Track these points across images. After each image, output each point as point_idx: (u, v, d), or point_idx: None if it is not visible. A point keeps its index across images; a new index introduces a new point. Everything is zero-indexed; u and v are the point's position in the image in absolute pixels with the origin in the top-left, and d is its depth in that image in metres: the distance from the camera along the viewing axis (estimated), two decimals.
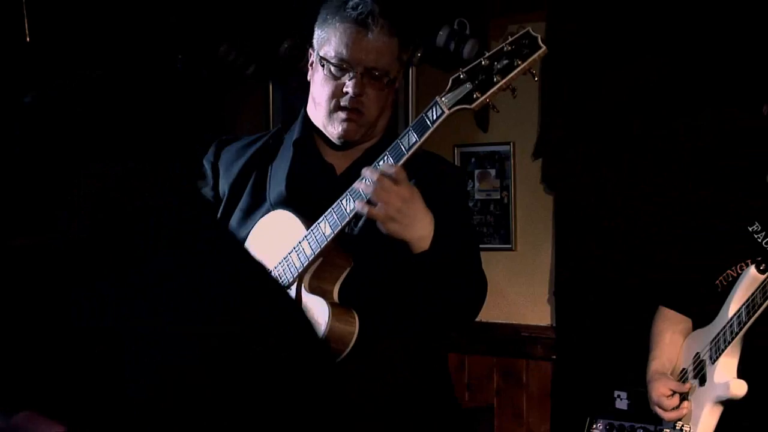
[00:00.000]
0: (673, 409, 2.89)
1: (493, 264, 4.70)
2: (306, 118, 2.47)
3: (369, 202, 2.16)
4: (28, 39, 3.89)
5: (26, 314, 3.26)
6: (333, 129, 2.38)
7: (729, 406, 2.79)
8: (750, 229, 2.85)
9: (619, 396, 3.82)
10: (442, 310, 2.30)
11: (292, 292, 2.26)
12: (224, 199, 2.48)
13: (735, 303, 2.77)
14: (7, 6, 3.94)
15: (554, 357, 4.50)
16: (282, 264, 2.30)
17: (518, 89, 4.97)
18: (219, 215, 2.47)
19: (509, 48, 2.14)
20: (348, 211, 2.19)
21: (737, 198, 3.04)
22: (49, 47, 4.17)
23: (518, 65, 2.12)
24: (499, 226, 4.72)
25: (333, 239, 2.22)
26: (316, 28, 2.43)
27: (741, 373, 2.77)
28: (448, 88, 2.19)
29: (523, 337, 4.61)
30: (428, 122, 2.17)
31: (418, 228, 2.17)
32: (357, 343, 2.21)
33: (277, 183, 2.43)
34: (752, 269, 2.75)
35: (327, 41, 2.37)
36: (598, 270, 4.32)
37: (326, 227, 2.22)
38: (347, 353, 2.20)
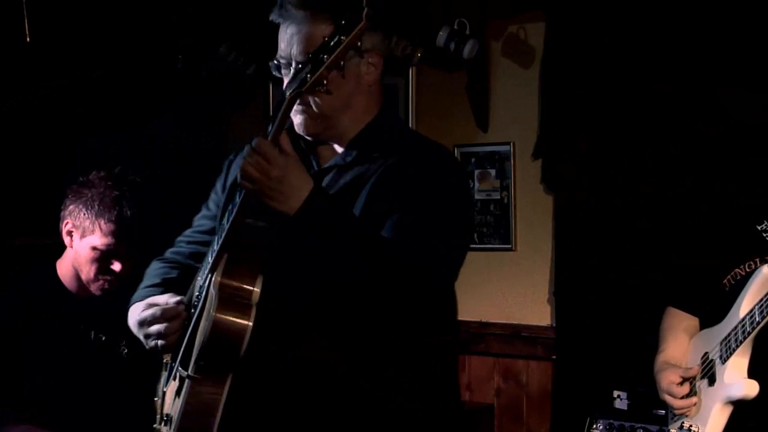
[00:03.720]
0: (683, 397, 2.86)
1: (493, 264, 4.70)
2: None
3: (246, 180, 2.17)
4: (28, 39, 3.89)
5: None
6: (295, 122, 2.37)
7: (737, 406, 2.76)
8: (759, 227, 2.82)
9: (619, 396, 3.82)
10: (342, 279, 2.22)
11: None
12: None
13: (747, 303, 2.73)
14: (7, 6, 3.94)
15: (554, 357, 4.50)
16: (204, 263, 2.34)
17: (518, 89, 4.92)
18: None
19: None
20: (237, 200, 2.21)
21: (744, 195, 3.01)
22: (49, 47, 4.17)
23: (342, 41, 2.10)
24: (499, 226, 4.71)
25: (231, 228, 2.21)
26: None
27: (751, 373, 2.75)
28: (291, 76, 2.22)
29: (523, 337, 4.61)
30: (277, 112, 2.18)
31: (295, 199, 2.16)
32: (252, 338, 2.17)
33: None
34: (765, 269, 2.72)
35: None
36: (598, 270, 4.31)
37: (226, 220, 2.24)
38: (244, 348, 2.17)
